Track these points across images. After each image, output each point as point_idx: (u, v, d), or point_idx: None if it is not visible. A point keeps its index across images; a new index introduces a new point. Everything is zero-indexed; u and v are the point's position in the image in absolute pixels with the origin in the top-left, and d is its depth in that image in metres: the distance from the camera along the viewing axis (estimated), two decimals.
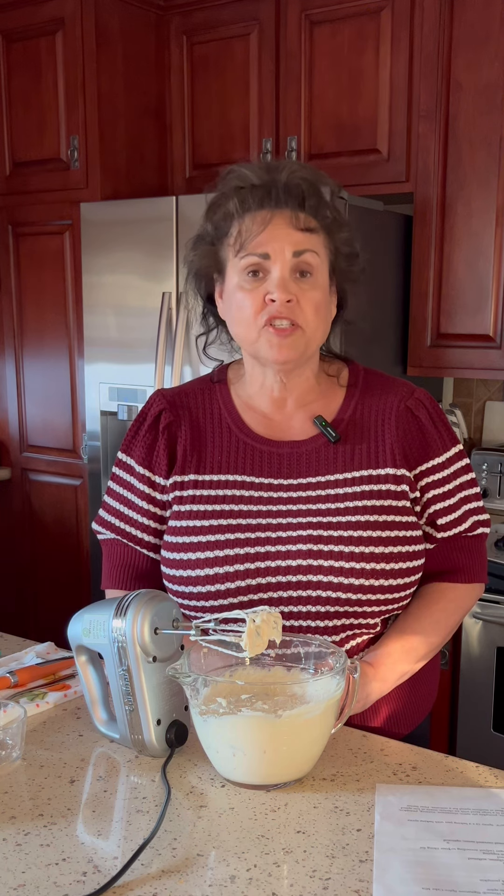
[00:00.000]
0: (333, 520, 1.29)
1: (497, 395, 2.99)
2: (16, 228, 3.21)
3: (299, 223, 1.26)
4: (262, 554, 1.28)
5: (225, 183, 1.32)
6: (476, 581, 1.42)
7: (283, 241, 1.25)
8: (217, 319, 1.40)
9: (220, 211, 1.31)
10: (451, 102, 2.60)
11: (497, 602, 2.42)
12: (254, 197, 1.27)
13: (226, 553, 1.28)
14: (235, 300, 1.29)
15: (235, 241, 1.28)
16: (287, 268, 1.25)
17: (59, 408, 3.22)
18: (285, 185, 1.27)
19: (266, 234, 1.26)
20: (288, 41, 2.84)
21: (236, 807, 1.05)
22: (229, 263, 1.30)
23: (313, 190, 1.29)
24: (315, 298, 1.27)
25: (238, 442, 1.36)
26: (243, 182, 1.29)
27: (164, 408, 1.39)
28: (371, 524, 1.28)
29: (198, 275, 1.37)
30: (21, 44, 3.06)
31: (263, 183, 1.28)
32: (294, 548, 1.28)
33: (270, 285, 1.25)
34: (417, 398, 1.37)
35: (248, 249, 1.26)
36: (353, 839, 0.99)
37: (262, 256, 1.26)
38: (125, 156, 3.06)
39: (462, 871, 0.94)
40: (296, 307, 1.25)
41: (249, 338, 1.29)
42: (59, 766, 1.15)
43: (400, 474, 1.32)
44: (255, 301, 1.26)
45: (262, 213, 1.27)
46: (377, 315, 2.72)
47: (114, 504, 1.42)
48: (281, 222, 1.26)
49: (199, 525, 1.31)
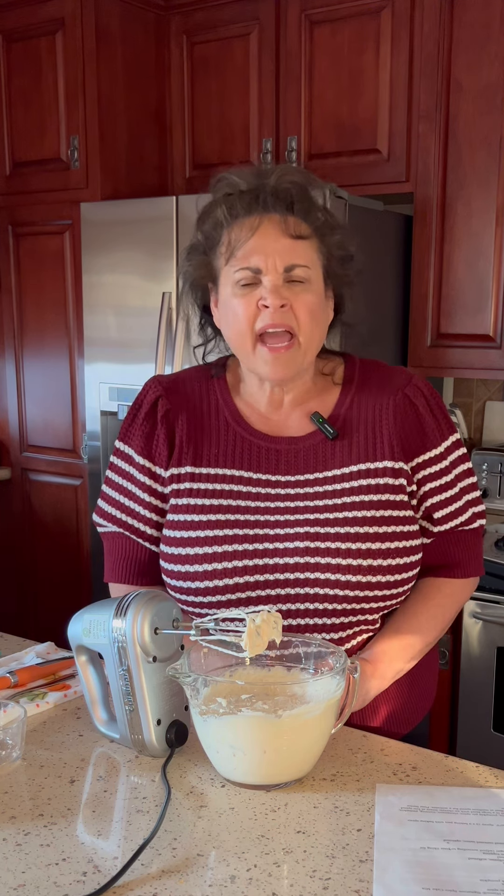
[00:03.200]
0: (331, 516, 1.29)
1: (497, 395, 2.99)
2: (16, 228, 3.21)
3: (289, 229, 1.25)
4: (260, 551, 1.28)
5: (215, 190, 1.31)
6: (473, 575, 1.42)
7: (273, 253, 1.24)
8: (214, 329, 1.40)
9: (209, 220, 1.31)
10: (451, 102, 2.60)
11: (497, 602, 2.42)
12: (242, 203, 1.26)
13: (223, 549, 1.28)
14: (230, 308, 1.28)
15: (226, 250, 1.27)
16: (279, 274, 1.25)
17: (59, 408, 3.22)
18: (273, 189, 1.26)
19: (255, 241, 1.25)
20: (288, 41, 2.84)
21: (236, 807, 1.05)
22: (222, 272, 1.29)
23: (303, 194, 1.28)
24: (309, 302, 1.26)
25: (236, 436, 1.35)
26: (232, 189, 1.28)
27: (161, 394, 1.37)
28: (368, 520, 1.28)
29: (193, 285, 1.37)
30: (21, 44, 3.06)
31: (251, 188, 1.27)
32: (291, 545, 1.28)
33: (263, 291, 1.24)
34: (416, 385, 1.36)
35: (238, 259, 1.25)
36: (353, 839, 0.99)
37: (253, 272, 1.25)
38: (125, 156, 3.06)
39: (462, 871, 0.94)
40: (289, 313, 1.25)
41: (245, 350, 1.29)
42: (59, 766, 1.15)
43: (398, 467, 1.32)
44: (249, 307, 1.26)
45: (250, 219, 1.26)
46: (377, 315, 2.72)
47: (114, 495, 1.40)
48: (270, 228, 1.25)
49: (197, 520, 1.31)
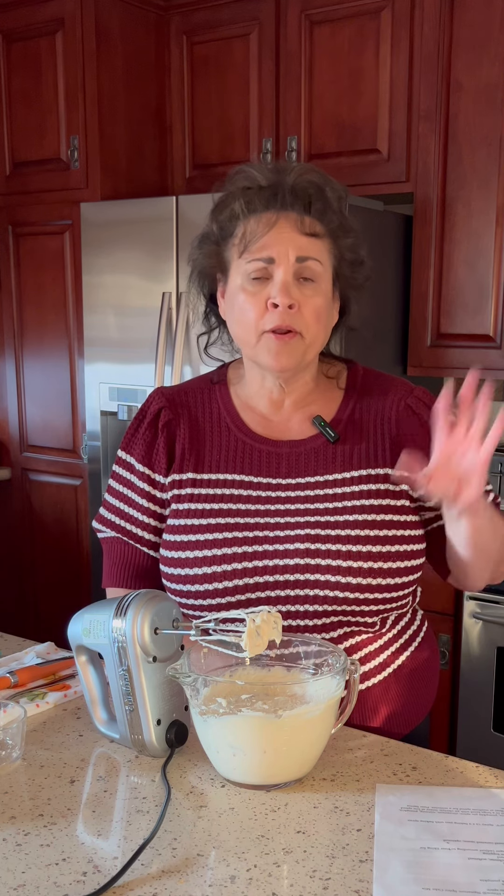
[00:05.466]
0: (331, 519, 1.29)
1: (497, 395, 2.99)
2: (16, 228, 3.21)
3: (304, 227, 1.26)
4: (260, 553, 1.28)
5: (232, 183, 1.31)
6: None
7: (287, 244, 1.25)
8: (218, 319, 1.40)
9: (225, 211, 1.31)
10: (451, 102, 2.60)
11: (497, 602, 2.42)
12: (260, 198, 1.27)
13: (223, 552, 1.28)
14: (238, 302, 1.29)
15: (240, 242, 1.28)
16: (290, 272, 1.25)
17: (59, 408, 3.22)
18: (292, 187, 1.26)
19: (270, 236, 1.25)
20: (288, 41, 2.84)
21: (236, 807, 1.05)
22: (233, 264, 1.30)
23: (320, 194, 1.28)
24: (316, 305, 1.27)
25: (237, 441, 1.36)
26: (251, 183, 1.29)
27: (164, 405, 1.39)
28: (369, 523, 1.28)
29: (201, 274, 1.37)
30: (21, 44, 3.06)
31: (270, 184, 1.27)
32: (292, 547, 1.28)
33: (273, 289, 1.25)
34: (417, 396, 1.37)
35: (252, 252, 1.26)
36: (353, 839, 0.99)
37: (266, 261, 1.25)
38: (125, 156, 3.06)
39: (462, 871, 0.93)
40: (297, 314, 1.25)
41: (249, 341, 1.29)
42: (59, 766, 1.15)
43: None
44: (258, 305, 1.26)
45: (267, 214, 1.26)
46: (377, 315, 2.72)
47: (114, 502, 1.42)
48: (286, 225, 1.26)
49: (197, 524, 1.31)
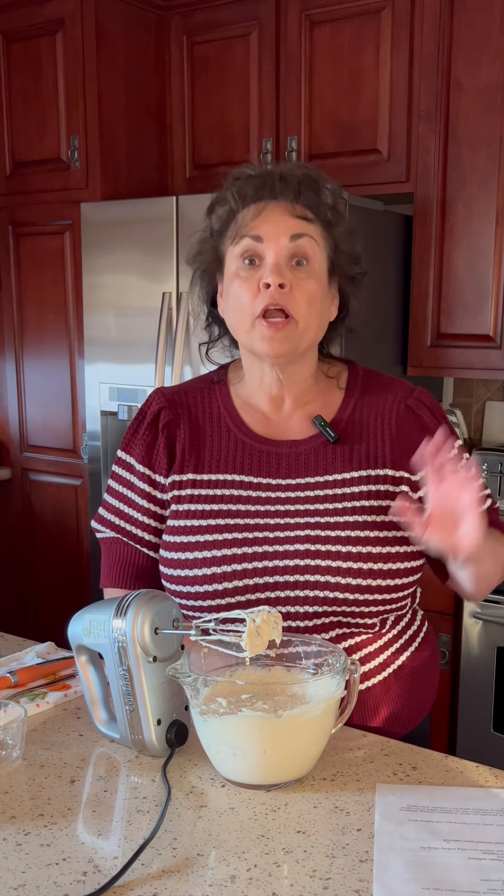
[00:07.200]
0: (331, 520, 1.29)
1: (497, 395, 2.99)
2: (16, 228, 3.21)
3: (295, 211, 1.27)
4: (260, 553, 1.28)
5: (225, 182, 1.34)
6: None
7: (278, 225, 1.26)
8: (220, 328, 1.41)
9: (219, 206, 1.33)
10: (451, 103, 2.60)
11: (497, 602, 2.42)
12: (250, 186, 1.29)
13: (223, 553, 1.28)
14: (232, 290, 1.30)
15: (232, 231, 1.29)
16: (282, 254, 1.26)
17: (59, 408, 3.22)
18: (282, 175, 1.29)
19: (261, 218, 1.27)
20: (288, 41, 2.84)
21: (236, 807, 1.05)
22: (227, 253, 1.31)
23: (311, 184, 1.30)
24: (309, 288, 1.27)
25: (237, 441, 1.36)
26: (242, 175, 1.32)
27: (164, 406, 1.39)
28: (369, 524, 1.28)
29: (203, 274, 1.38)
30: (21, 44, 3.06)
31: (260, 174, 1.30)
32: (292, 547, 1.28)
33: (265, 271, 1.26)
34: (417, 398, 1.37)
35: (242, 234, 1.28)
36: (353, 839, 0.99)
37: (255, 239, 1.26)
38: (125, 156, 3.06)
39: (462, 871, 0.94)
40: (288, 295, 1.25)
41: (243, 327, 1.29)
42: (60, 766, 1.15)
43: (399, 475, 1.32)
44: (251, 288, 1.27)
45: (258, 203, 1.28)
46: (377, 315, 2.72)
47: (114, 502, 1.42)
48: (276, 209, 1.27)
49: (197, 525, 1.31)
